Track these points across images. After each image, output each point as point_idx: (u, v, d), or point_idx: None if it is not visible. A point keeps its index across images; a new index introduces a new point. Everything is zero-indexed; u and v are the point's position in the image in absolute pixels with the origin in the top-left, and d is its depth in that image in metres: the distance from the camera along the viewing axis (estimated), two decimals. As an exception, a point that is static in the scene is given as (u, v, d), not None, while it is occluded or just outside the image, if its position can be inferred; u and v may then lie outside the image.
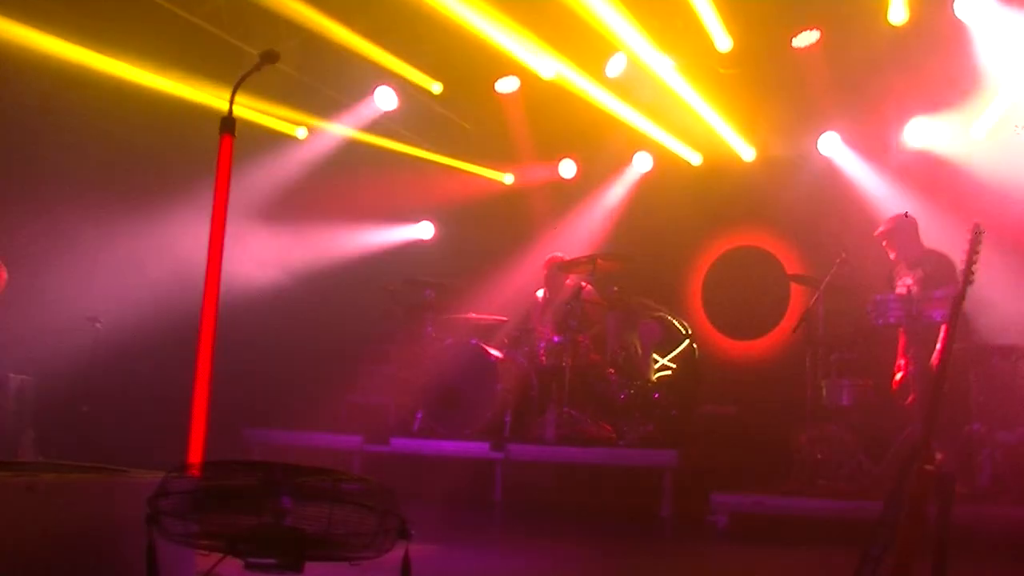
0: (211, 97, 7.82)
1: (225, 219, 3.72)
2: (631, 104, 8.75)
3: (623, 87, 8.50)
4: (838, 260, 6.50)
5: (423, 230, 10.68)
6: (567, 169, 10.11)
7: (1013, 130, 7.38)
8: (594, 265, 7.51)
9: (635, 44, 7.95)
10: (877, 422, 6.45)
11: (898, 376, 6.31)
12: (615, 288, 7.90)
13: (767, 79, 8.28)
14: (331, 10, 7.63)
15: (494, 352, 7.42)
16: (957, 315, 3.61)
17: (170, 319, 6.67)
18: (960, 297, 3.60)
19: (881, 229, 6.47)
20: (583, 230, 9.57)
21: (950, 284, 5.69)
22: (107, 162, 7.54)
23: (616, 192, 9.77)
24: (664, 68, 8.18)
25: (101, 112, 7.61)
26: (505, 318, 8.36)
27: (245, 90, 3.89)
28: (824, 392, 6.44)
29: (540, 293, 8.34)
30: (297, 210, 8.99)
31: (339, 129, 9.26)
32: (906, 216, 6.44)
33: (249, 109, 8.25)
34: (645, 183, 9.70)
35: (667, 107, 8.88)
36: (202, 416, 3.56)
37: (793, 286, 8.56)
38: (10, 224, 6.50)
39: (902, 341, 6.35)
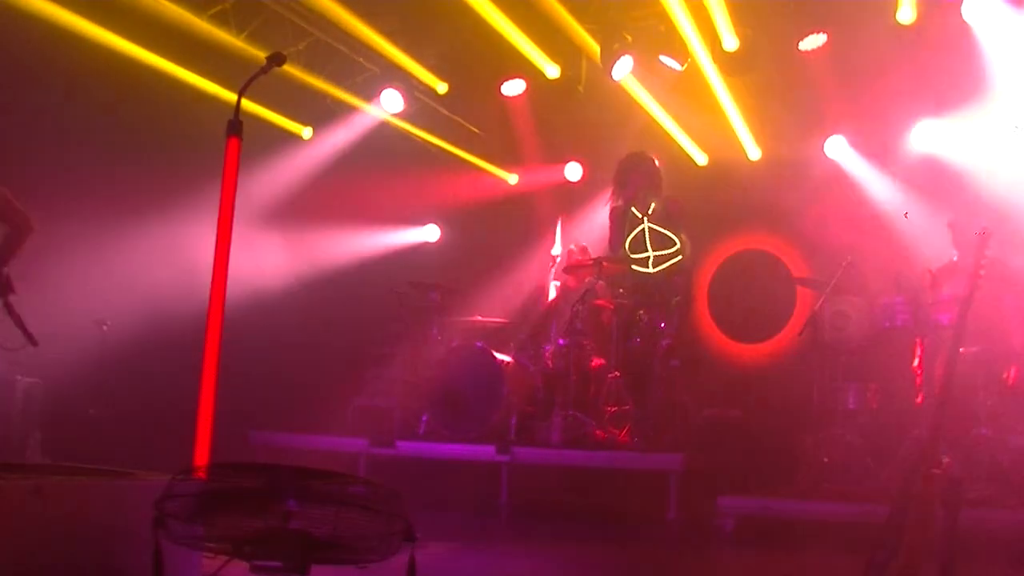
0: (219, 97, 7.84)
1: (232, 221, 3.71)
2: (638, 106, 8.75)
3: (630, 88, 8.49)
4: (844, 263, 6.48)
5: (428, 233, 10.68)
6: (573, 172, 10.10)
7: (1013, 130, 7.37)
8: (599, 268, 7.50)
9: (642, 45, 7.95)
10: (883, 425, 6.43)
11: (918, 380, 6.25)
12: (620, 290, 7.89)
13: (773, 82, 8.28)
14: (335, 11, 7.64)
15: (500, 355, 7.41)
16: (964, 318, 3.60)
17: (176, 321, 6.68)
18: (967, 301, 3.59)
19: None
20: (588, 233, 9.56)
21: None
22: (114, 163, 7.55)
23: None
24: (671, 70, 8.17)
25: (107, 113, 7.63)
26: (510, 321, 8.35)
27: (252, 91, 3.89)
28: (830, 395, 6.42)
29: (554, 287, 8.22)
30: (302, 212, 9.00)
31: (344, 131, 9.28)
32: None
33: (256, 106, 8.26)
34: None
35: (674, 108, 8.89)
36: (208, 419, 3.55)
37: (799, 289, 8.54)
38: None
39: (919, 347, 6.30)
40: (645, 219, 7.18)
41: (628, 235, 7.22)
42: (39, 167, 6.99)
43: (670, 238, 7.13)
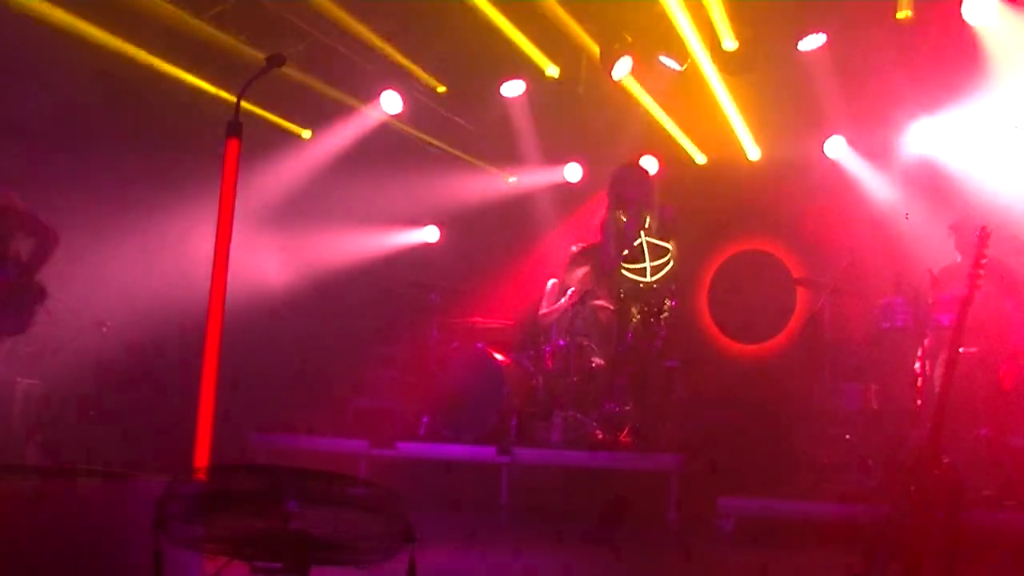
0: (219, 98, 7.84)
1: (232, 222, 3.72)
2: (638, 106, 8.75)
3: (630, 88, 8.49)
4: (844, 263, 6.48)
5: (428, 234, 10.67)
6: (573, 172, 10.10)
7: (1013, 130, 7.37)
8: (599, 269, 7.51)
9: (642, 45, 7.95)
10: (883, 425, 6.44)
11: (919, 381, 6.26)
12: (620, 293, 7.88)
13: (773, 82, 8.27)
14: (335, 12, 7.64)
15: (500, 356, 7.41)
16: (964, 318, 3.60)
17: (176, 322, 6.69)
18: (967, 301, 3.59)
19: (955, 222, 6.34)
20: (589, 234, 9.56)
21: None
22: (114, 164, 7.55)
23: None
24: (671, 70, 8.17)
25: (107, 114, 7.63)
26: (511, 322, 8.35)
27: (251, 92, 3.90)
28: (830, 395, 6.42)
29: (552, 283, 8.20)
30: (302, 213, 9.00)
31: (343, 132, 9.28)
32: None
33: (256, 107, 8.26)
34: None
35: (674, 108, 8.89)
36: (208, 420, 3.56)
37: (799, 290, 8.55)
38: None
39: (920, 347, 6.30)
40: (642, 233, 7.20)
41: (624, 248, 7.22)
42: (39, 168, 6.99)
43: (664, 247, 7.16)
